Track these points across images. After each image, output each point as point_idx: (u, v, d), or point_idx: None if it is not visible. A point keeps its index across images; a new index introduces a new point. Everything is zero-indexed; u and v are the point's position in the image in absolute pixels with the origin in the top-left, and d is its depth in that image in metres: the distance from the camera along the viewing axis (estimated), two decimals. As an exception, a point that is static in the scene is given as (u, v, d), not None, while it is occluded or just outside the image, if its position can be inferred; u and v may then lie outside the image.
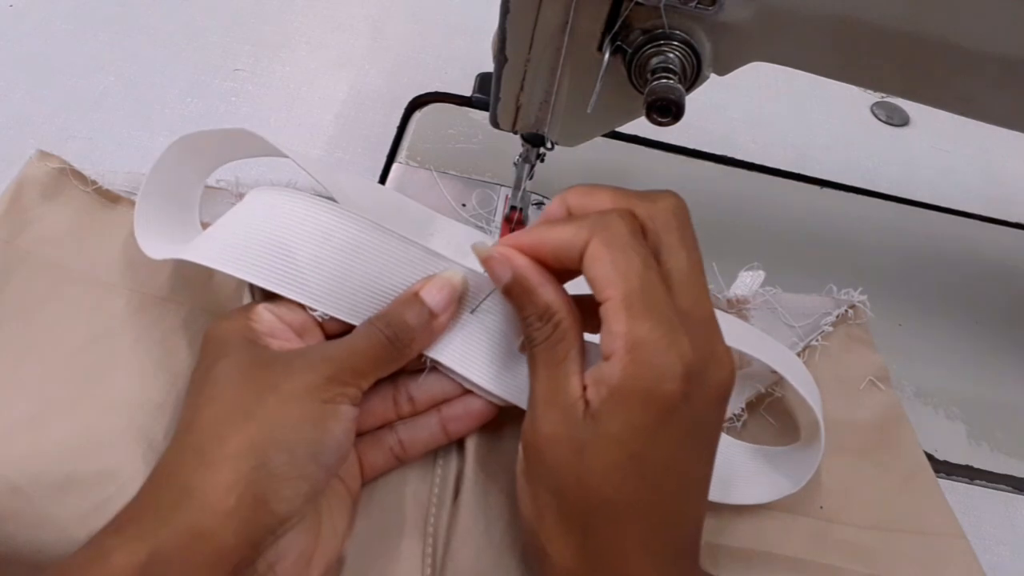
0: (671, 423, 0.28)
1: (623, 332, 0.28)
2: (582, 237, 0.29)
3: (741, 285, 0.45)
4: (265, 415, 0.29)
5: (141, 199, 0.38)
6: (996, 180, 0.62)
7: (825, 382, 0.42)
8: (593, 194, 0.31)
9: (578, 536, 0.28)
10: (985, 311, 0.52)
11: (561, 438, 0.29)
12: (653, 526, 0.28)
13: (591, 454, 0.28)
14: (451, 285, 0.33)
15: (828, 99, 0.64)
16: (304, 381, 0.30)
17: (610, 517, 0.28)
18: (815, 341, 0.44)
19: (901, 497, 0.39)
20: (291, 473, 0.28)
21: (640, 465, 0.28)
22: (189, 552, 0.26)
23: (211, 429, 0.29)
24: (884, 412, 0.42)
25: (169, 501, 0.27)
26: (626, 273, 0.28)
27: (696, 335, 0.28)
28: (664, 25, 0.34)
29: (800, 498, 0.37)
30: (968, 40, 0.35)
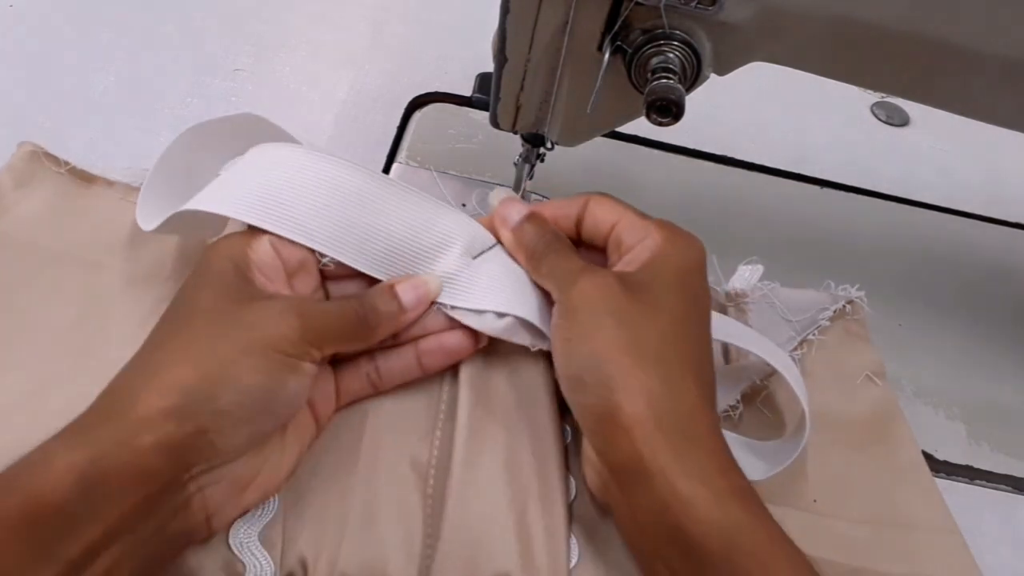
0: (695, 286, 0.34)
1: (646, 224, 0.35)
2: (579, 202, 0.37)
3: (739, 279, 0.45)
4: (226, 354, 0.29)
5: (147, 184, 0.38)
6: (996, 180, 0.62)
7: (821, 376, 0.42)
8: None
9: (649, 366, 0.31)
10: (985, 311, 0.52)
11: (605, 292, 0.33)
12: (698, 373, 0.32)
13: (636, 307, 0.32)
14: (426, 288, 0.35)
15: (828, 99, 0.64)
16: (272, 331, 0.30)
17: (670, 342, 0.32)
18: (812, 335, 0.44)
19: (895, 492, 0.39)
20: (237, 414, 0.29)
21: (677, 324, 0.32)
22: (121, 464, 0.27)
23: (172, 355, 0.30)
24: (879, 407, 0.42)
25: (114, 413, 0.28)
26: (624, 208, 0.36)
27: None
28: (664, 25, 0.34)
29: (793, 491, 0.38)
30: (968, 40, 0.35)
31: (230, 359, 0.29)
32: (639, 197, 0.53)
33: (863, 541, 0.37)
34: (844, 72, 0.38)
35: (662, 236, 0.35)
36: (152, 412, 0.28)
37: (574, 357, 0.32)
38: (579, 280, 0.34)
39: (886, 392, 0.43)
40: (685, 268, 0.34)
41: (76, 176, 0.42)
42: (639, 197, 0.53)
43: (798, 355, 0.44)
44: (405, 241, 0.36)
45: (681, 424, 0.30)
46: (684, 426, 0.30)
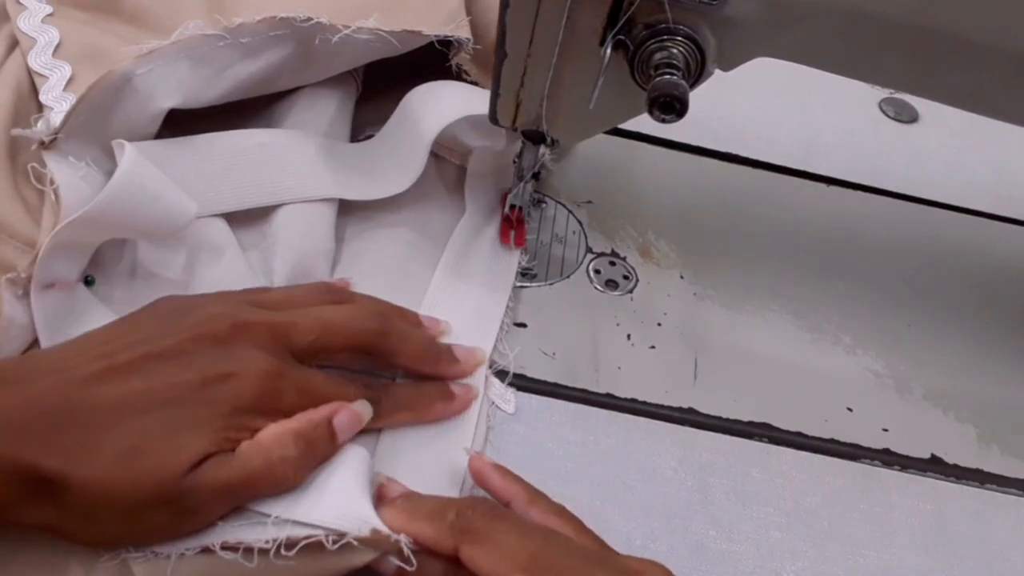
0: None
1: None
2: (451, 540, 0.30)
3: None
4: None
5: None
6: (1007, 178, 0.61)
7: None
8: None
9: None
10: (995, 311, 0.52)
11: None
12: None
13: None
14: (360, 419, 0.34)
15: (835, 95, 0.64)
16: (209, 411, 0.30)
17: None
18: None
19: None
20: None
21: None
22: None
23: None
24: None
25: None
26: (516, 555, 0.29)
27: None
28: (668, 20, 0.33)
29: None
30: (978, 34, 0.34)
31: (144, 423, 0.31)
32: (642, 195, 0.53)
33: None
34: (852, 67, 0.38)
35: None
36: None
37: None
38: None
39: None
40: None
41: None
42: (642, 195, 0.53)
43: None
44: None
45: None
46: None
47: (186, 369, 0.31)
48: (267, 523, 0.30)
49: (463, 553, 0.29)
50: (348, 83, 0.48)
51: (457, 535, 0.30)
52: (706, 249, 0.51)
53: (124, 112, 0.40)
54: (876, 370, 0.47)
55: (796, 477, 0.41)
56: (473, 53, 0.44)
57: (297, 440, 0.31)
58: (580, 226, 0.50)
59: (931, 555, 0.40)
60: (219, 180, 0.42)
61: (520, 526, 0.31)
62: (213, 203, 0.41)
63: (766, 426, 0.43)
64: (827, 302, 0.49)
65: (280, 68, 0.43)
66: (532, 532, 0.31)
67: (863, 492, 0.41)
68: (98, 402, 0.29)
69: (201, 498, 0.30)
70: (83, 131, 0.38)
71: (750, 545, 0.38)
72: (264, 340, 0.33)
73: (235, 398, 0.31)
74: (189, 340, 0.31)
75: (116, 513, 0.29)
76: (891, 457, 0.43)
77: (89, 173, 0.38)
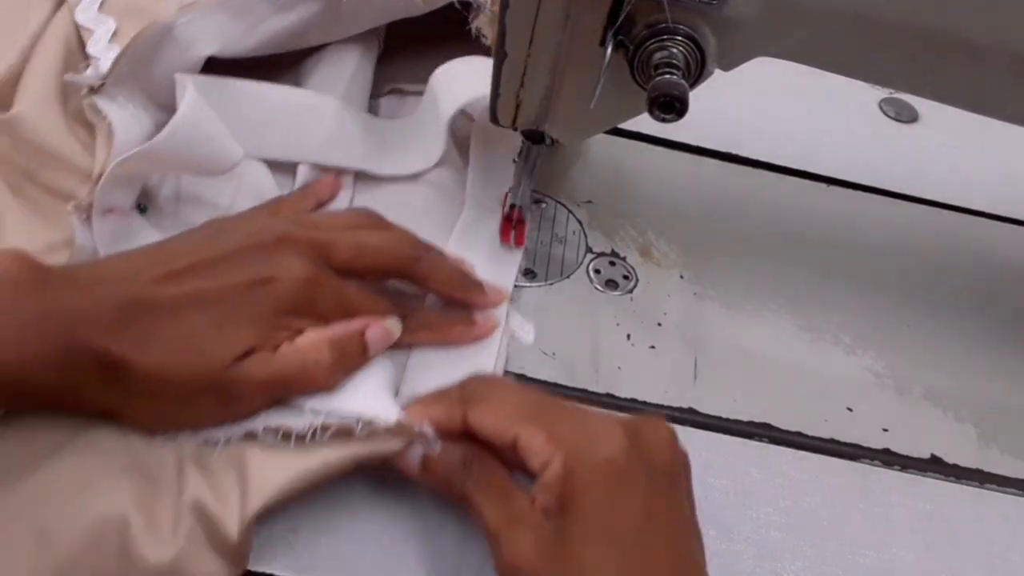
0: (633, 484, 0.31)
1: (546, 438, 0.31)
2: (455, 408, 0.34)
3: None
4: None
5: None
6: (1007, 178, 0.61)
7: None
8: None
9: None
10: (995, 311, 0.52)
11: (542, 551, 0.30)
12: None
13: (578, 551, 0.30)
14: (390, 335, 0.37)
15: (835, 95, 0.63)
16: (254, 311, 0.34)
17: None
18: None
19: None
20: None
21: (627, 541, 0.30)
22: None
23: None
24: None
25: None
26: (514, 419, 0.32)
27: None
28: (668, 19, 0.33)
29: None
30: (979, 34, 0.34)
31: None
32: (642, 195, 0.53)
33: None
34: (852, 67, 0.38)
35: (567, 458, 0.31)
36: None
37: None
38: (506, 539, 0.31)
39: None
40: (610, 492, 0.30)
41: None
42: (642, 195, 0.53)
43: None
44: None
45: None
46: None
47: (235, 273, 0.34)
48: (304, 412, 0.34)
49: (471, 417, 0.33)
50: (371, 41, 0.51)
51: (464, 404, 0.34)
52: (706, 249, 0.51)
53: (165, 60, 0.43)
54: (876, 370, 0.47)
55: (796, 477, 0.41)
56: (492, 16, 0.45)
57: (332, 347, 0.35)
58: (580, 226, 0.50)
59: (931, 555, 0.40)
60: (262, 128, 0.45)
61: (516, 387, 0.37)
62: (254, 148, 0.44)
63: (766, 426, 0.43)
64: (827, 302, 0.49)
65: (309, 23, 0.47)
66: (527, 390, 0.36)
67: (863, 492, 0.41)
68: (158, 300, 0.33)
69: (243, 388, 0.33)
70: (128, 78, 0.42)
71: (750, 545, 0.38)
72: (305, 252, 0.36)
73: (277, 300, 0.34)
74: (238, 249, 0.35)
75: (170, 397, 0.33)
76: (891, 457, 0.43)
77: (137, 114, 0.42)
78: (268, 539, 0.35)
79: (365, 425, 0.34)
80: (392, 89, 0.53)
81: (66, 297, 0.32)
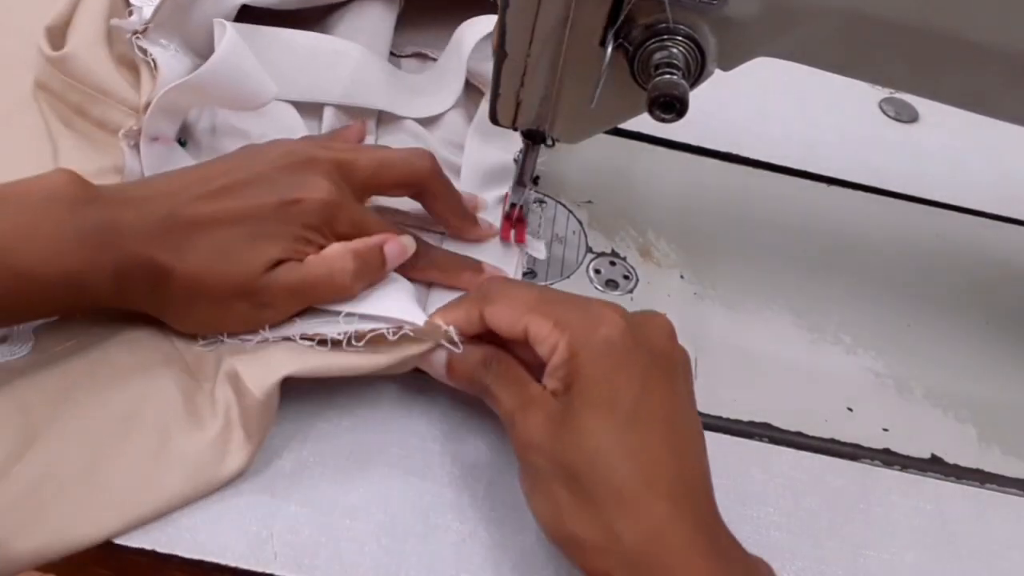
0: (631, 362, 0.34)
1: (551, 326, 0.34)
2: (473, 311, 0.37)
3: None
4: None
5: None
6: (1007, 178, 0.61)
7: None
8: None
9: (599, 507, 0.31)
10: (996, 311, 0.52)
11: (550, 425, 0.33)
12: (660, 472, 0.32)
13: (580, 420, 0.33)
14: (406, 250, 0.40)
15: (835, 95, 0.63)
16: (283, 227, 0.37)
17: (621, 476, 0.32)
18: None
19: None
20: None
21: (625, 410, 0.33)
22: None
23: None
24: None
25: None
26: (522, 309, 0.36)
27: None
28: (668, 20, 0.33)
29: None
30: (979, 34, 0.34)
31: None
32: (642, 195, 0.53)
33: None
34: (852, 67, 0.38)
35: (571, 340, 0.34)
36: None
37: (537, 504, 0.34)
38: (520, 421, 0.34)
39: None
40: (610, 368, 0.33)
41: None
42: (642, 195, 0.53)
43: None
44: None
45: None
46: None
47: (266, 193, 0.37)
48: (339, 320, 0.37)
49: (487, 315, 0.37)
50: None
51: (480, 304, 0.37)
52: (706, 249, 0.51)
53: (203, 7, 0.46)
54: (876, 370, 0.47)
55: (796, 477, 0.41)
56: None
57: (355, 256, 0.38)
58: (580, 226, 0.50)
59: (931, 555, 0.40)
60: (291, 71, 0.48)
61: (526, 285, 0.41)
62: (283, 91, 0.47)
63: (766, 426, 0.43)
64: (827, 302, 0.49)
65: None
66: (537, 287, 0.40)
67: (863, 492, 0.41)
68: (198, 215, 0.36)
69: (274, 294, 0.37)
70: (168, 23, 0.45)
71: (750, 545, 0.38)
72: (330, 172, 0.39)
73: (304, 215, 0.37)
74: (269, 171, 0.38)
75: (208, 302, 0.37)
76: (891, 457, 0.43)
77: (177, 55, 0.45)
78: (268, 539, 0.35)
79: (395, 329, 0.37)
80: (414, 53, 0.56)
81: (117, 211, 0.35)
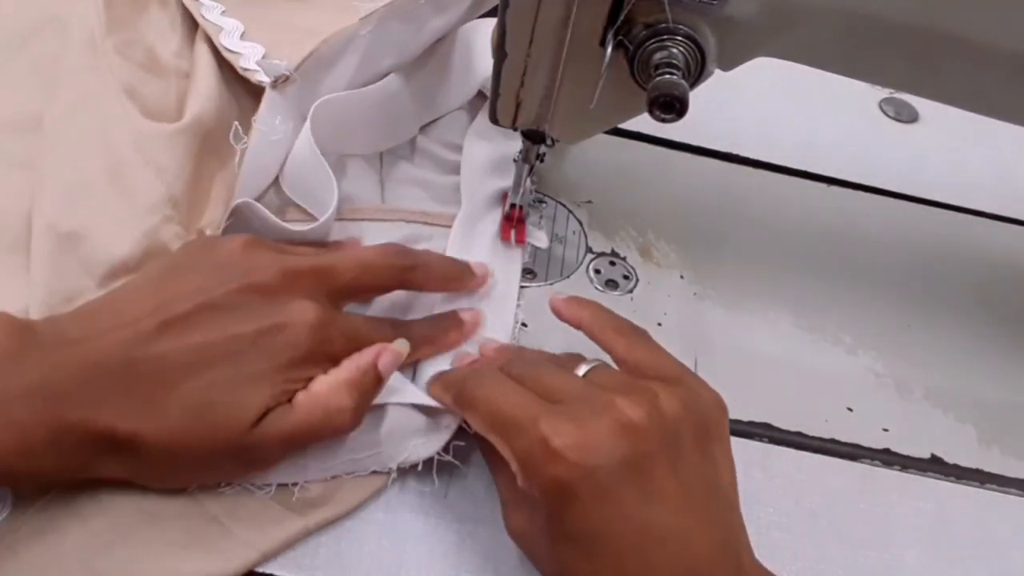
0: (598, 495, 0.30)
1: (509, 452, 0.31)
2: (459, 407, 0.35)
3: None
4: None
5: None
6: (1008, 178, 0.61)
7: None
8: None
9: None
10: (996, 311, 0.52)
11: (533, 528, 0.32)
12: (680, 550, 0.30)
13: (558, 549, 0.31)
14: (400, 357, 0.36)
15: (835, 95, 0.63)
16: (268, 364, 0.32)
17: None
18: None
19: None
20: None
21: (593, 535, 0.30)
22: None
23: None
24: None
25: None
26: (498, 411, 0.32)
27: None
28: (668, 20, 0.33)
29: None
30: (979, 34, 0.34)
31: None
32: (642, 195, 0.53)
33: None
34: (852, 67, 0.38)
35: (526, 474, 0.31)
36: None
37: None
38: (507, 514, 0.35)
39: None
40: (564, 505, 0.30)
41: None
42: (642, 195, 0.53)
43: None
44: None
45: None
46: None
47: (242, 321, 0.32)
48: (341, 462, 0.35)
49: (466, 417, 0.34)
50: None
51: (460, 405, 0.34)
52: (706, 249, 0.50)
53: (345, 67, 0.45)
54: (876, 370, 0.47)
55: (796, 477, 0.41)
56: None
57: (351, 390, 0.33)
58: (580, 226, 0.50)
59: (931, 555, 0.40)
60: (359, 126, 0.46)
61: (505, 384, 0.33)
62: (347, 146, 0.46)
63: (766, 426, 0.43)
64: (827, 302, 0.49)
65: (464, 18, 0.48)
66: (519, 385, 0.33)
67: (863, 492, 0.41)
68: (162, 359, 0.30)
69: (267, 448, 0.32)
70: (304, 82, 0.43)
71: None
72: (310, 286, 0.34)
73: (291, 348, 0.32)
74: (240, 290, 0.32)
75: (188, 464, 0.32)
76: (891, 457, 0.43)
77: (283, 138, 0.42)
78: (268, 539, 0.35)
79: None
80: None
81: (50, 366, 0.29)
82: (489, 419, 0.32)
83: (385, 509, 0.37)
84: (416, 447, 0.36)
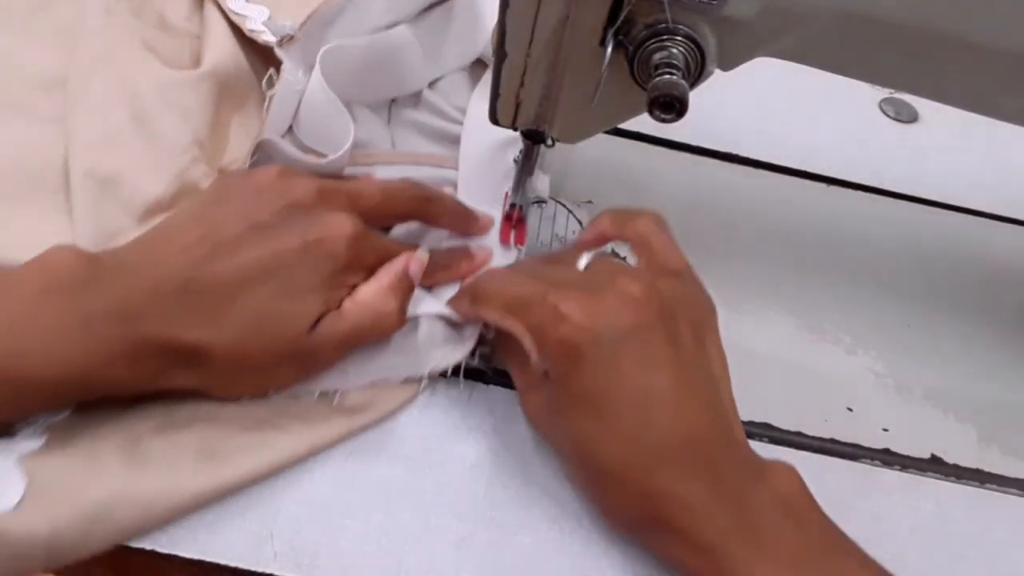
0: (600, 354, 0.34)
1: (521, 328, 0.35)
2: (471, 311, 0.39)
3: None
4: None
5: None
6: (1007, 178, 0.61)
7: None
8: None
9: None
10: (995, 311, 0.52)
11: (546, 412, 0.37)
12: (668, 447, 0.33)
13: (568, 416, 0.35)
14: (424, 265, 0.39)
15: (835, 95, 0.63)
16: (315, 275, 0.35)
17: (608, 461, 0.34)
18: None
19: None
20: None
21: (603, 404, 0.34)
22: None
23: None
24: None
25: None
26: (506, 296, 0.36)
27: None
28: (667, 20, 0.33)
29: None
30: (979, 34, 0.34)
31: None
32: (642, 195, 0.53)
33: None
34: (852, 67, 0.38)
35: (539, 340, 0.35)
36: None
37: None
38: (522, 402, 0.39)
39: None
40: (578, 364, 0.34)
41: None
42: (642, 195, 0.53)
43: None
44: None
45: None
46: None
47: (287, 237, 0.34)
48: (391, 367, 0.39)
49: (479, 315, 0.38)
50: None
51: (471, 306, 0.38)
52: (706, 249, 0.50)
53: (342, 26, 0.46)
54: (876, 370, 0.47)
55: (796, 477, 0.41)
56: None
57: (395, 293, 0.37)
58: (580, 226, 0.50)
59: (931, 555, 0.40)
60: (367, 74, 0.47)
61: (510, 274, 0.39)
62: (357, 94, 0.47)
63: (766, 426, 0.43)
64: (827, 302, 0.49)
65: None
66: (522, 271, 0.39)
67: (863, 492, 0.41)
68: (217, 277, 0.33)
69: (323, 352, 0.36)
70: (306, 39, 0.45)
71: (750, 545, 0.38)
72: (343, 204, 0.37)
73: (333, 259, 0.35)
74: (282, 209, 0.35)
75: (252, 371, 0.35)
76: (891, 457, 0.43)
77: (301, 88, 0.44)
78: (268, 539, 0.35)
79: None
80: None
81: (122, 289, 0.32)
82: (503, 304, 0.36)
83: (385, 509, 0.37)
84: (444, 355, 0.39)
